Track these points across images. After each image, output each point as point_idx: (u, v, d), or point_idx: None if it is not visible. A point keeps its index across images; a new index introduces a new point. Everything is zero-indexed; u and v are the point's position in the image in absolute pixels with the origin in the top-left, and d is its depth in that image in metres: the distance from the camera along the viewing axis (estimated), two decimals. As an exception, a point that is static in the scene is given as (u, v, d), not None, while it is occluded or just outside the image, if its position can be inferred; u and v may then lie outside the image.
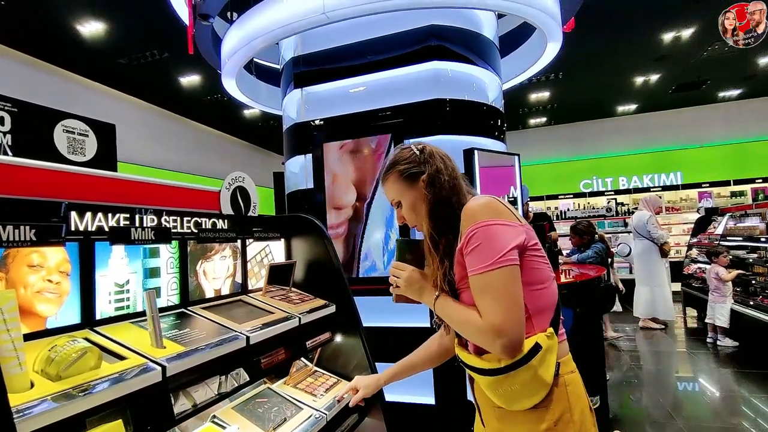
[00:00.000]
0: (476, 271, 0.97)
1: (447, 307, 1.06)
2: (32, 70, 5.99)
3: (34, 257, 1.00)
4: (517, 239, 0.98)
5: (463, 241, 1.01)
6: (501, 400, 1.03)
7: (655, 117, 9.76)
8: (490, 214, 1.00)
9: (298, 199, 3.57)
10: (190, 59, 5.61)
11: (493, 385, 1.01)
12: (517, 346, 0.94)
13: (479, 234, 0.98)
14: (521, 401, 1.01)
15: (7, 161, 1.08)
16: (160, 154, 8.12)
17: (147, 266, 1.29)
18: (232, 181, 1.83)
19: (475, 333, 0.99)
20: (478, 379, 1.06)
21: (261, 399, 1.54)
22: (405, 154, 1.16)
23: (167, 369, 1.01)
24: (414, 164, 1.14)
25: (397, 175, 1.15)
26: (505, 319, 0.93)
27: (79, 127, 1.33)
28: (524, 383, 0.97)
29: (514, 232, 0.99)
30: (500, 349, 0.94)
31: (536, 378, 0.97)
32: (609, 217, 8.85)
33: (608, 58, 6.82)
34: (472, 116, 3.34)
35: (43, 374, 0.86)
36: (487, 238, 0.97)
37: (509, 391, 0.99)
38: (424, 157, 1.14)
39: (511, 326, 0.93)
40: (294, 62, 3.55)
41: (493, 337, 0.93)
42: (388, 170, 1.18)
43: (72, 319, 1.07)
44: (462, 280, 1.05)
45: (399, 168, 1.15)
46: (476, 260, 0.97)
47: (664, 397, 3.62)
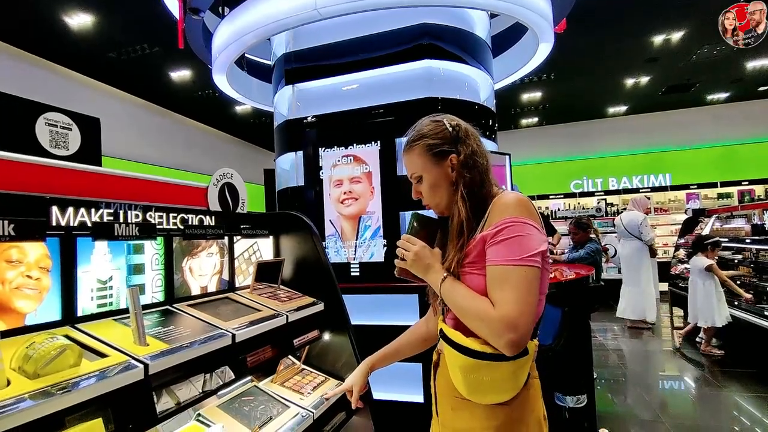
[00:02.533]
0: (500, 262, 0.95)
1: (455, 290, 1.01)
2: (19, 62, 5.88)
3: (12, 252, 0.98)
4: (542, 246, 0.97)
5: (493, 229, 0.98)
6: (466, 387, 1.01)
7: (645, 118, 9.87)
8: (525, 213, 0.99)
9: (289, 197, 3.55)
10: (180, 54, 5.56)
11: (467, 369, 0.99)
12: (522, 343, 0.93)
13: (514, 228, 0.96)
14: (486, 394, 1.00)
15: (-13, 154, 1.06)
16: (150, 151, 8.02)
17: (131, 262, 1.27)
18: (220, 177, 1.81)
19: (482, 322, 0.95)
20: (453, 360, 1.03)
21: (247, 397, 1.53)
22: (435, 128, 1.10)
23: (149, 367, 1.00)
24: (445, 141, 1.08)
25: (423, 148, 1.08)
26: (521, 314, 0.91)
27: (62, 120, 1.30)
28: (497, 378, 0.97)
29: (541, 238, 0.98)
30: (506, 343, 0.91)
31: (511, 378, 0.97)
32: (599, 217, 8.93)
33: (599, 59, 6.88)
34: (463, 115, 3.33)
35: (21, 372, 0.84)
36: (520, 235, 0.95)
37: (478, 381, 0.98)
38: (459, 135, 1.08)
39: (524, 323, 0.91)
40: (285, 58, 3.53)
41: (503, 329, 0.91)
42: (414, 141, 1.10)
43: (52, 315, 1.05)
44: (470, 265, 1.02)
45: (427, 142, 1.08)
46: (503, 252, 0.95)
47: (651, 396, 3.66)
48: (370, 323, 2.70)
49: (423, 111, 3.26)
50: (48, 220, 1.06)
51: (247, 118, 9.11)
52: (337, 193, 3.03)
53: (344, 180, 3.01)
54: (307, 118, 3.39)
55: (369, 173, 2.96)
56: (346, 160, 3.02)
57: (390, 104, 3.18)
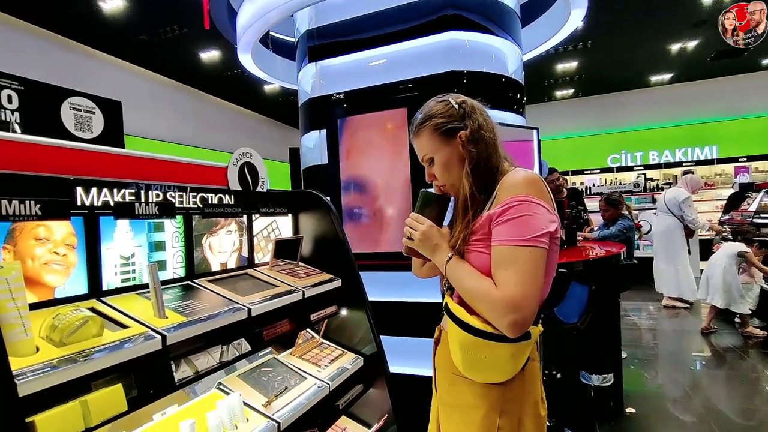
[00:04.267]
0: (505, 242, 0.94)
1: (460, 270, 1.01)
2: (54, 45, 6.10)
3: (40, 231, 1.05)
4: (550, 225, 0.95)
5: (499, 209, 0.96)
6: (464, 364, 1.02)
7: (690, 87, 9.25)
8: (534, 192, 0.96)
9: (313, 174, 3.59)
10: (208, 34, 5.63)
11: (467, 345, 0.99)
12: (525, 325, 0.91)
13: (521, 207, 0.94)
14: (483, 373, 1.01)
15: (16, 138, 1.13)
16: (183, 131, 8.27)
17: (152, 240, 1.34)
18: (240, 156, 1.85)
19: (486, 302, 0.94)
20: (454, 335, 1.03)
21: (266, 368, 1.60)
22: (442, 108, 1.09)
23: (167, 338, 1.06)
24: (452, 119, 1.07)
25: (432, 129, 1.08)
26: (525, 295, 0.90)
27: (85, 104, 1.36)
28: (496, 359, 0.97)
29: (550, 217, 0.96)
30: (508, 323, 0.90)
31: (510, 360, 0.97)
32: (637, 192, 8.54)
33: (642, 25, 6.43)
34: (489, 89, 3.24)
35: (48, 340, 0.91)
36: (527, 214, 0.94)
37: (476, 358, 0.99)
38: (465, 111, 1.07)
39: (527, 305, 0.90)
40: (308, 35, 3.51)
41: (506, 310, 0.90)
42: (422, 123, 1.10)
43: (79, 289, 1.13)
44: (475, 242, 1.01)
45: (435, 122, 1.08)
46: (509, 231, 0.94)
47: (682, 376, 3.57)
48: (389, 299, 2.74)
49: (447, 85, 3.19)
50: (72, 200, 1.12)
51: (276, 96, 9.19)
52: (359, 171, 3.03)
53: (366, 157, 3.01)
54: (334, 95, 3.39)
55: (391, 150, 2.94)
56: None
57: (413, 79, 3.13)
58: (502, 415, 1.02)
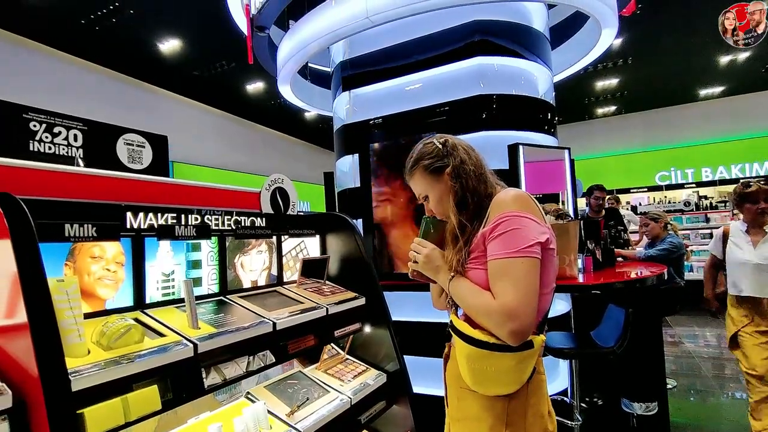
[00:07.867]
0: (498, 256, 1.00)
1: (461, 287, 1.08)
2: (120, 84, 6.77)
3: (95, 250, 1.21)
4: (540, 236, 1.01)
5: (490, 226, 1.04)
6: (471, 377, 1.06)
7: (745, 99, 8.76)
8: (520, 206, 1.03)
9: (347, 197, 3.74)
10: (252, 68, 6.03)
11: (472, 358, 1.04)
12: (525, 332, 0.96)
13: (508, 222, 1.01)
14: (489, 385, 1.04)
15: (78, 171, 1.32)
16: (228, 157, 8.78)
17: (190, 258, 1.49)
18: (272, 182, 2.00)
19: (486, 314, 1.00)
20: (460, 349, 1.09)
21: (292, 381, 1.70)
22: (428, 149, 1.20)
23: (198, 346, 1.18)
24: (438, 158, 1.17)
25: (423, 170, 1.19)
26: (520, 303, 0.95)
27: (137, 139, 1.55)
28: (501, 369, 1.01)
29: (539, 228, 1.02)
30: (508, 332, 0.95)
31: (515, 370, 1.00)
32: (688, 211, 8.08)
33: (686, 36, 6.23)
34: (519, 111, 3.28)
35: (98, 345, 1.05)
36: (515, 227, 1.00)
37: (483, 371, 1.03)
38: (447, 150, 1.17)
39: (524, 312, 0.95)
40: (342, 66, 3.72)
41: (504, 319, 0.95)
42: (414, 166, 1.21)
43: (126, 302, 1.28)
44: (473, 261, 1.08)
45: (424, 163, 1.19)
46: (500, 246, 1.00)
47: (737, 410, 3.32)
48: (411, 320, 2.77)
49: (476, 109, 3.25)
50: (122, 223, 1.29)
51: (315, 123, 9.59)
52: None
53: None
54: (368, 121, 3.55)
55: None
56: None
57: (442, 104, 3.23)
58: (508, 426, 1.05)
